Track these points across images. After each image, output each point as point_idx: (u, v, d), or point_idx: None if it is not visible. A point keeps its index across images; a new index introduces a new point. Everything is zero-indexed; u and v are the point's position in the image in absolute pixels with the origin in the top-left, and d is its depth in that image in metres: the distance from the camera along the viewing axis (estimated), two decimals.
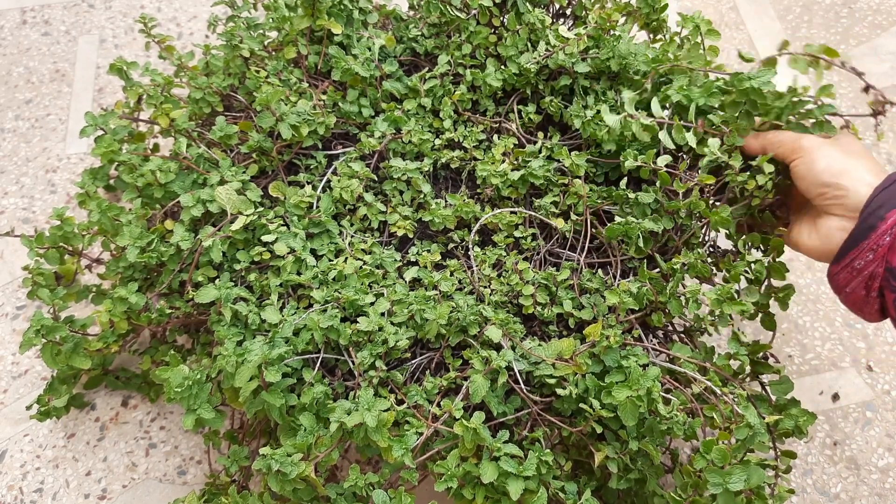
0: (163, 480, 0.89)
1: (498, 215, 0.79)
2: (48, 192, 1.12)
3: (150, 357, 0.89)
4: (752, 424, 0.66)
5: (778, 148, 0.70)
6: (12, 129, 1.19)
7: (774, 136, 0.71)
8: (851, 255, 0.61)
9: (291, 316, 0.72)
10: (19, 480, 0.90)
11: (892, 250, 0.59)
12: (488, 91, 0.86)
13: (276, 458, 0.62)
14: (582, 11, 0.90)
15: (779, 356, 0.95)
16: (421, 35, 0.90)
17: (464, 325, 0.70)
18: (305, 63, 0.87)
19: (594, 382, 0.66)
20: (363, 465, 0.88)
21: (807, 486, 0.88)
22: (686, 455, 0.89)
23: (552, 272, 0.74)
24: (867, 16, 1.26)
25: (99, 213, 0.80)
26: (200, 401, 0.67)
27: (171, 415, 0.94)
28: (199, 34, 1.29)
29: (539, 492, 0.62)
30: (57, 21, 1.32)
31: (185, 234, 0.76)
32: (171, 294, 0.81)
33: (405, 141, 0.83)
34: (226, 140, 0.82)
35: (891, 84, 1.17)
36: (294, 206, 0.79)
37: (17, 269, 1.05)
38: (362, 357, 0.69)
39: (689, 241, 0.76)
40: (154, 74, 0.91)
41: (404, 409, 0.67)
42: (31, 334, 0.74)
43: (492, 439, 0.63)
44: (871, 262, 0.60)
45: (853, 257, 0.61)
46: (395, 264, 0.78)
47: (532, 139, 0.85)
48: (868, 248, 0.60)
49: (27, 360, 0.98)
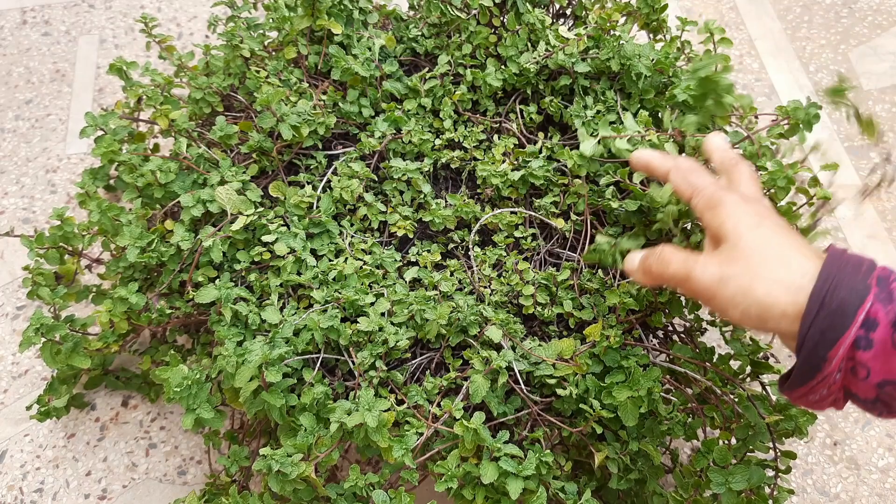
0: (163, 480, 0.89)
1: (498, 215, 0.79)
2: (48, 193, 1.12)
3: (150, 357, 0.89)
4: (753, 424, 0.66)
5: (665, 269, 0.54)
6: (12, 129, 1.19)
7: (660, 256, 0.54)
8: (802, 391, 0.49)
9: (292, 316, 0.72)
10: (19, 480, 0.90)
11: (848, 380, 0.47)
12: (488, 91, 0.86)
13: (277, 459, 0.62)
14: (582, 11, 0.90)
15: (779, 356, 0.95)
16: (421, 35, 0.90)
17: (464, 326, 0.70)
18: (305, 63, 0.87)
19: (594, 383, 0.66)
20: (363, 465, 0.88)
21: (807, 486, 0.88)
22: (686, 455, 0.89)
23: (552, 272, 0.74)
24: (867, 16, 1.26)
25: (99, 213, 0.80)
26: (200, 401, 0.67)
27: (171, 415, 0.94)
28: (200, 34, 1.29)
29: (539, 492, 0.62)
30: (57, 21, 1.32)
31: (186, 235, 0.76)
32: (172, 294, 0.81)
33: (405, 141, 0.83)
34: (226, 140, 0.82)
35: (891, 84, 1.17)
36: (294, 206, 0.79)
37: (17, 269, 1.05)
38: (362, 357, 0.69)
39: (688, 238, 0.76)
40: (154, 74, 0.91)
41: (404, 410, 0.67)
42: (31, 333, 0.74)
43: (492, 440, 0.63)
44: (827, 395, 0.48)
45: (804, 392, 0.49)
46: (395, 264, 0.78)
47: (532, 139, 0.85)
48: (819, 385, 0.48)
49: (27, 360, 0.98)
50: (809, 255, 0.48)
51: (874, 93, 1.17)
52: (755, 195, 0.56)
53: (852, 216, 1.05)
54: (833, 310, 0.44)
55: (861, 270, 0.46)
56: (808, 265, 0.47)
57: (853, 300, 0.44)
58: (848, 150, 1.11)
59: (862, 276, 0.45)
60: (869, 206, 1.06)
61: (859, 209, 1.06)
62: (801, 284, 0.47)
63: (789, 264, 0.48)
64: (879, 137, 0.74)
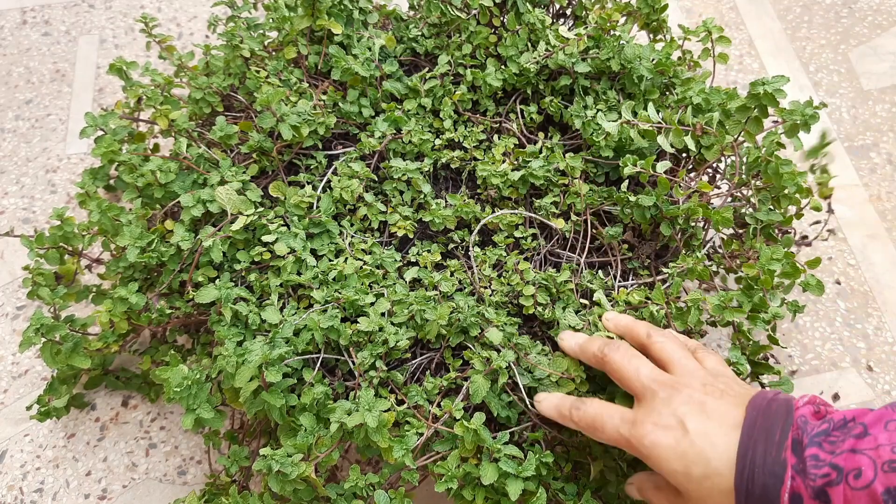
0: (163, 480, 0.89)
1: (498, 215, 0.79)
2: (48, 193, 1.12)
3: (150, 357, 0.89)
4: None
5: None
6: (12, 129, 1.19)
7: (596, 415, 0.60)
8: None
9: (292, 316, 0.72)
10: (19, 480, 0.90)
11: None
12: (488, 91, 0.86)
13: (277, 459, 0.62)
14: (582, 11, 0.90)
15: (779, 356, 0.95)
16: (421, 35, 0.90)
17: (464, 326, 0.70)
18: (305, 63, 0.87)
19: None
20: (363, 465, 0.88)
21: None
22: None
23: (553, 272, 0.74)
24: (867, 16, 1.26)
25: (99, 213, 0.80)
26: (200, 401, 0.67)
27: (171, 415, 0.94)
28: (200, 34, 1.29)
29: (539, 493, 0.62)
30: (57, 21, 1.32)
31: (186, 235, 0.76)
32: (172, 294, 0.81)
33: (405, 141, 0.83)
34: (226, 140, 0.82)
35: (891, 84, 1.17)
36: (294, 206, 0.79)
37: (17, 269, 1.05)
38: (362, 357, 0.69)
39: (688, 241, 0.77)
40: (154, 74, 0.91)
41: (404, 410, 0.67)
42: (31, 333, 0.74)
43: (492, 440, 0.63)
44: None
45: None
46: (395, 264, 0.78)
47: (532, 139, 0.85)
48: None
49: (27, 361, 0.98)
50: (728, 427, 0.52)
51: (874, 93, 1.17)
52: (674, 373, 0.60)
53: (852, 216, 1.05)
54: (758, 496, 0.47)
55: (775, 441, 0.48)
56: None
57: (774, 483, 0.47)
58: (848, 150, 1.11)
59: (776, 448, 0.48)
60: (869, 206, 1.06)
61: (859, 209, 1.06)
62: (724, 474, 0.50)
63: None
64: (828, 195, 0.80)
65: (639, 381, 0.59)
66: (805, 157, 0.76)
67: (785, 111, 0.74)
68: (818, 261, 0.75)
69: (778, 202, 0.78)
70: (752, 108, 0.74)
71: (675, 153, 0.80)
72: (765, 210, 0.78)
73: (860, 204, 1.06)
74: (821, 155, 0.78)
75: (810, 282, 0.72)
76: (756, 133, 0.75)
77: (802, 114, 0.73)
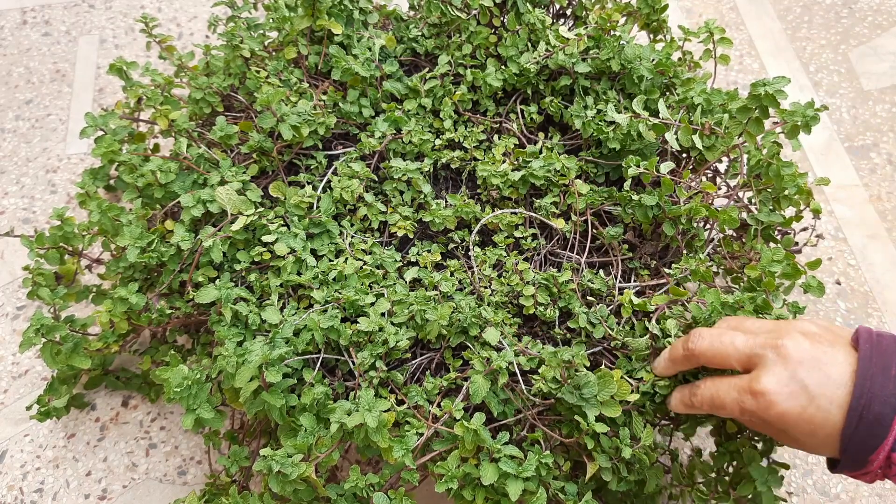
0: (163, 481, 0.89)
1: (498, 215, 0.79)
2: (48, 193, 1.12)
3: (150, 357, 0.89)
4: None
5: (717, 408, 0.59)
6: (12, 129, 1.19)
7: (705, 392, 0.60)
8: (849, 476, 0.56)
9: (292, 316, 0.72)
10: (19, 480, 0.90)
11: (887, 473, 0.53)
12: (488, 91, 0.86)
13: (277, 459, 0.62)
14: (582, 12, 0.90)
15: None
16: (421, 35, 0.90)
17: (464, 326, 0.70)
18: (306, 63, 0.87)
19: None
20: (363, 465, 0.88)
21: (807, 487, 0.88)
22: (686, 455, 0.88)
23: (553, 273, 0.74)
24: (867, 16, 1.26)
25: (99, 213, 0.80)
26: (200, 401, 0.67)
27: (171, 415, 0.94)
28: (200, 34, 1.29)
29: (539, 493, 0.62)
30: (57, 21, 1.32)
31: (186, 235, 0.76)
32: (172, 294, 0.81)
33: (405, 141, 0.83)
34: (226, 140, 0.82)
35: (891, 84, 1.17)
36: (294, 207, 0.79)
37: (17, 269, 1.05)
38: (362, 357, 0.69)
39: (691, 241, 0.77)
40: (154, 74, 0.91)
41: (404, 410, 0.67)
42: (31, 333, 0.74)
43: (492, 440, 0.63)
44: (872, 480, 0.55)
45: (851, 476, 0.56)
46: (395, 264, 0.78)
47: (533, 139, 0.85)
48: (863, 476, 0.54)
49: (27, 361, 0.98)
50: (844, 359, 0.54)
51: (874, 93, 1.17)
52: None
53: (852, 216, 1.05)
54: (871, 421, 0.51)
55: (890, 375, 0.52)
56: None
57: (887, 412, 0.51)
58: (848, 150, 1.11)
59: (893, 383, 0.51)
60: (869, 206, 1.06)
61: (859, 209, 1.06)
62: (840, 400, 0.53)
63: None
64: (818, 210, 0.83)
65: (739, 352, 0.57)
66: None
67: (786, 112, 0.74)
68: (818, 262, 0.75)
69: (778, 203, 0.78)
70: (752, 108, 0.74)
71: (676, 154, 0.80)
72: (766, 211, 0.78)
73: (860, 204, 1.06)
74: None
75: (811, 283, 0.72)
76: (757, 134, 0.75)
77: (803, 115, 0.73)
